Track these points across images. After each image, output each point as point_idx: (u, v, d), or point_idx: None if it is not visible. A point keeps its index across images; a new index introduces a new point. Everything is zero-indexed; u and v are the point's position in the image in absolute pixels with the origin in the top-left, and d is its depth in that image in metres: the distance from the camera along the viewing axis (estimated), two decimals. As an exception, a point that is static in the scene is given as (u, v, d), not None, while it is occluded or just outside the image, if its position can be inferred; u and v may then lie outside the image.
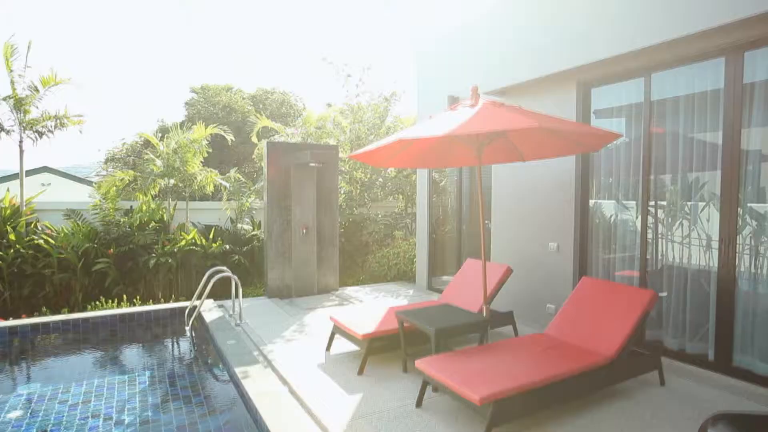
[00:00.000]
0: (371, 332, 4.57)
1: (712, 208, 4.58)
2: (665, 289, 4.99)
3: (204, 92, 23.71)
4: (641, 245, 5.13)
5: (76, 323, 6.30)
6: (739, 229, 4.33)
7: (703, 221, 4.69)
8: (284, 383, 4.35)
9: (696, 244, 4.79)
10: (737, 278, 4.35)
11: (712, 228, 4.58)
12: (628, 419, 3.58)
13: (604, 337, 4.06)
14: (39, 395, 4.36)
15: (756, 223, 4.32)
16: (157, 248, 9.05)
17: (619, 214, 5.51)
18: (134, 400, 4.29)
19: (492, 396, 3.17)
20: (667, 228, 5.04)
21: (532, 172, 6.25)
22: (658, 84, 5.00)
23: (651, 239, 5.11)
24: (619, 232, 5.50)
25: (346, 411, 3.76)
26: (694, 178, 4.79)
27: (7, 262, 7.97)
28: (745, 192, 4.30)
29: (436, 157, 5.62)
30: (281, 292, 7.96)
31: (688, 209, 4.86)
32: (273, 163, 7.83)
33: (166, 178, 9.90)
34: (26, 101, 8.51)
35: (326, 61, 11.20)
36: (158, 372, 5.09)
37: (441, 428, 3.48)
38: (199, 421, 3.91)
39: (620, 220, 5.51)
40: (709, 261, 4.66)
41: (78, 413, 3.99)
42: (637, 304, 4.09)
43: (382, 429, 3.47)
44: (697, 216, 4.76)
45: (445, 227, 8.59)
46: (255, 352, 5.15)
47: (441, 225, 8.67)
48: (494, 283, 5.35)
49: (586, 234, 5.74)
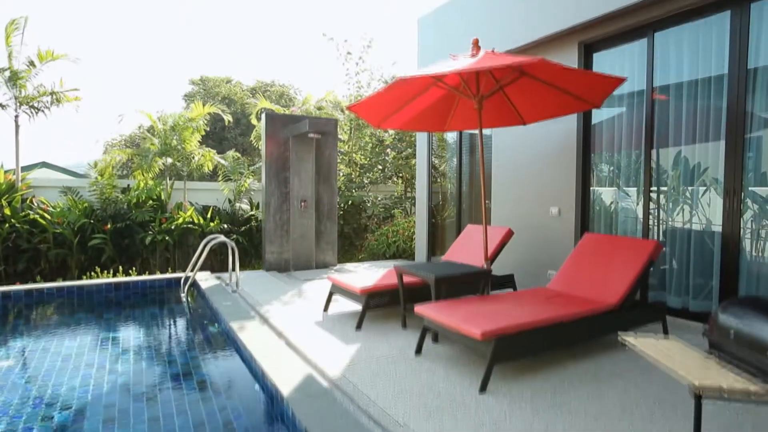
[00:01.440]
0: (370, 287, 4.49)
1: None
2: (668, 248, 4.91)
3: (203, 84, 23.63)
4: (644, 202, 5.05)
5: (71, 290, 6.21)
6: (745, 184, 4.25)
7: (709, 175, 4.61)
8: (280, 337, 4.27)
9: (699, 201, 4.72)
10: (742, 231, 4.27)
11: (717, 178, 4.50)
12: (630, 364, 3.50)
13: (608, 287, 3.98)
14: (32, 348, 4.28)
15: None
16: (154, 226, 8.97)
17: (621, 170, 5.44)
18: (128, 353, 4.21)
19: (494, 332, 3.10)
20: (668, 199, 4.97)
21: (532, 137, 6.17)
22: (661, 42, 4.91)
23: (654, 198, 5.03)
24: (620, 191, 5.43)
25: (343, 358, 3.68)
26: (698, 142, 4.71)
27: (2, 237, 7.88)
28: (750, 143, 4.23)
29: (436, 117, 5.54)
30: (279, 267, 7.87)
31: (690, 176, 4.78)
32: (271, 136, 7.75)
33: (163, 156, 9.82)
34: (23, 75, 8.43)
35: (326, 37, 11.14)
36: (153, 330, 5.01)
37: (440, 371, 3.40)
38: (193, 371, 3.83)
39: (623, 174, 5.43)
40: (713, 217, 4.58)
41: (71, 364, 3.90)
42: (641, 254, 4.01)
43: (380, 372, 3.39)
44: (699, 173, 4.68)
45: (445, 211, 8.50)
46: (251, 313, 5.06)
47: (441, 210, 8.57)
48: (495, 244, 5.27)
49: (587, 197, 5.66)
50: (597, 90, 4.55)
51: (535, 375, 3.31)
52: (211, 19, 70.62)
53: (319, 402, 2.89)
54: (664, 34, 4.89)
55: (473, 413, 2.74)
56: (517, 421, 2.65)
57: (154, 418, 3.01)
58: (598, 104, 4.82)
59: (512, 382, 3.19)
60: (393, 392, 3.03)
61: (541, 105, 5.13)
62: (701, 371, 1.46)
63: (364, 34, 17.11)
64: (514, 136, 6.41)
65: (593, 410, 2.77)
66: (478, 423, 2.62)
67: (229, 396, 3.42)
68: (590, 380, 3.22)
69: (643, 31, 5.02)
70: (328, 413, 2.74)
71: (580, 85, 4.55)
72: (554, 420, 2.66)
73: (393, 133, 11.44)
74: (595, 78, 4.36)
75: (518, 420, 2.66)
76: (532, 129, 6.05)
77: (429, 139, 8.55)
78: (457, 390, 3.07)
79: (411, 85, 4.73)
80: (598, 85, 4.44)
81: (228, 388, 3.60)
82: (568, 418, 2.67)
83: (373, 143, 11.53)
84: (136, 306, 6.06)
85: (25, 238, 8.15)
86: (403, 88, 4.73)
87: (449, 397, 2.96)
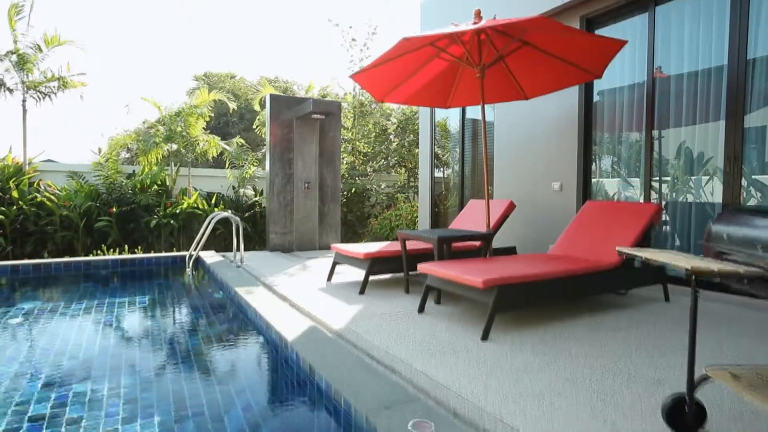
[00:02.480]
0: (373, 252, 4.53)
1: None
2: (669, 212, 4.94)
3: (208, 79, 23.76)
4: (645, 167, 5.09)
5: (77, 265, 6.28)
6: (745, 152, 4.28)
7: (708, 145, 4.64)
8: (284, 300, 4.32)
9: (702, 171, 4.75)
10: (742, 200, 4.31)
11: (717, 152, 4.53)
12: (630, 321, 3.53)
13: (609, 248, 4.01)
14: (39, 309, 4.35)
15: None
16: (159, 210, 9.05)
17: (624, 141, 5.48)
18: (134, 315, 4.27)
19: (496, 280, 3.14)
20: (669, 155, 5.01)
21: (534, 115, 6.21)
22: (662, 16, 4.95)
23: (656, 160, 5.07)
24: (622, 159, 5.47)
25: (346, 315, 3.73)
26: (700, 107, 4.75)
27: (10, 219, 7.98)
28: (750, 104, 4.26)
29: (439, 92, 5.59)
30: (283, 248, 7.94)
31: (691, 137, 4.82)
32: (276, 117, 7.82)
33: (168, 142, 9.91)
34: (30, 58, 8.53)
35: (332, 23, 11.21)
36: (158, 297, 5.07)
37: (442, 325, 3.44)
38: (199, 330, 3.89)
39: (624, 145, 5.47)
40: (714, 189, 4.61)
41: (77, 322, 3.97)
42: (642, 216, 4.05)
43: (382, 325, 3.43)
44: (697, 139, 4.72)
45: (448, 201, 8.54)
46: (256, 282, 5.12)
47: (444, 199, 8.60)
48: (497, 215, 5.31)
49: (589, 171, 5.70)
50: (597, 57, 4.59)
51: (536, 328, 3.36)
52: (213, 15, 70.82)
53: (323, 346, 2.94)
54: (665, 7, 4.93)
55: (474, 355, 2.79)
56: (517, 360, 2.69)
57: (160, 366, 3.07)
58: (600, 74, 4.86)
59: (514, 333, 3.23)
60: (395, 340, 3.08)
61: (543, 77, 5.18)
62: (696, 260, 1.51)
63: (369, 20, 17.17)
64: (516, 114, 6.45)
65: (593, 353, 2.81)
66: (479, 362, 2.66)
67: (234, 347, 3.48)
68: (590, 332, 3.26)
69: (645, 4, 5.06)
70: (332, 354, 2.80)
71: (580, 52, 4.59)
72: (554, 359, 2.70)
73: (396, 122, 11.49)
74: (596, 42, 4.39)
75: (519, 360, 2.70)
76: (534, 107, 6.09)
77: (432, 115, 8.58)
78: (459, 338, 3.11)
79: (413, 54, 4.78)
80: (598, 50, 4.48)
81: (233, 340, 3.66)
82: (568, 359, 2.71)
83: (377, 132, 11.59)
84: (143, 278, 6.13)
85: (32, 221, 8.25)
86: (406, 58, 4.79)
87: (451, 344, 3.01)
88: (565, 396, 2.21)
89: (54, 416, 2.33)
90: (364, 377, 2.43)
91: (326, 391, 2.40)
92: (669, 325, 3.38)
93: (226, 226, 9.37)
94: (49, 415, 2.34)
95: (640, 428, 1.91)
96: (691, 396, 1.84)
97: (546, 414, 2.03)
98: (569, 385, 2.33)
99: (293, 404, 2.67)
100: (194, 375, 2.94)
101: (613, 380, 2.40)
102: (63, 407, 2.42)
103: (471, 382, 2.36)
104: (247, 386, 2.79)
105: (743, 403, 2.10)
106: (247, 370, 3.10)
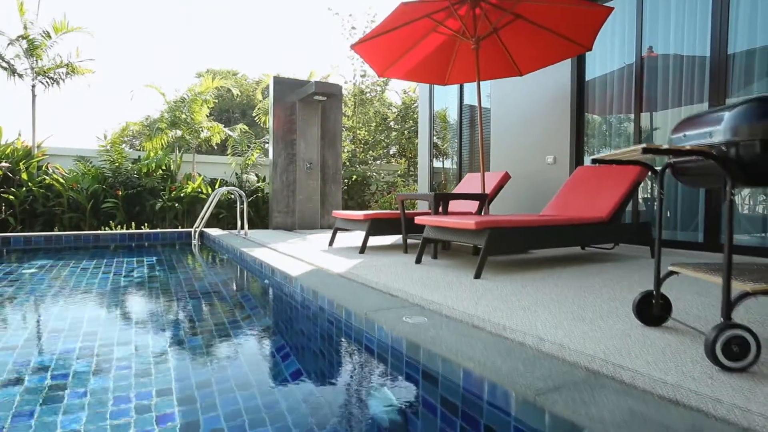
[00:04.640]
0: (373, 213, 4.74)
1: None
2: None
3: (210, 75, 23.99)
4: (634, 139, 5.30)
5: (87, 238, 6.49)
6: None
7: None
8: (288, 256, 4.52)
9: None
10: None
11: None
12: (616, 271, 3.72)
13: (598, 205, 4.22)
14: (52, 264, 4.55)
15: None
16: (164, 194, 9.26)
17: (613, 120, 5.68)
18: (142, 268, 4.47)
19: (488, 223, 3.34)
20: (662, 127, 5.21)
21: (529, 91, 6.43)
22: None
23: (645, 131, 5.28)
24: (613, 132, 5.68)
25: (347, 265, 3.92)
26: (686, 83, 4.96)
27: (20, 200, 8.18)
28: (733, 77, 4.47)
29: (437, 67, 5.81)
30: (285, 226, 8.14)
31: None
32: (279, 99, 8.04)
33: (173, 128, 10.13)
34: (39, 45, 8.76)
35: (332, 12, 11.45)
36: (166, 259, 5.27)
37: (439, 271, 3.63)
38: (209, 286, 4.08)
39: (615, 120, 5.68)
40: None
41: (88, 274, 4.17)
42: (628, 176, 4.25)
43: (382, 270, 3.63)
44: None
45: (447, 190, 8.73)
46: (261, 247, 5.32)
47: (442, 189, 8.79)
48: (493, 185, 5.51)
49: (581, 143, 5.90)
50: (587, 27, 4.80)
51: (525, 271, 3.55)
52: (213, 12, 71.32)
53: (327, 278, 3.14)
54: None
55: (467, 287, 2.98)
56: (507, 289, 2.89)
57: (174, 319, 3.26)
58: (590, 45, 5.08)
59: (504, 275, 3.42)
60: (393, 279, 3.27)
61: (536, 51, 5.39)
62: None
63: (368, 8, 17.42)
64: (511, 90, 6.66)
65: (578, 284, 3.01)
66: (471, 291, 2.86)
67: (241, 291, 3.67)
68: (577, 274, 3.45)
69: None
70: (334, 284, 2.99)
71: (570, 23, 4.80)
72: (542, 287, 2.90)
73: (396, 110, 11.71)
74: (584, 11, 4.60)
75: (508, 288, 2.90)
76: (528, 84, 6.30)
77: (431, 102, 8.79)
78: (453, 279, 3.31)
79: (411, 27, 4.99)
80: (587, 20, 4.69)
81: (239, 288, 3.86)
82: (554, 288, 2.91)
83: (377, 121, 11.81)
84: (152, 248, 6.35)
85: (41, 202, 8.45)
86: (405, 31, 5.00)
87: (446, 281, 3.20)
88: (550, 309, 2.41)
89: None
90: (364, 294, 2.63)
91: (328, 309, 2.60)
92: (652, 271, 3.57)
93: (228, 210, 9.58)
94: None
95: (616, 325, 2.11)
96: (658, 290, 2.04)
97: (531, 319, 2.22)
98: (554, 303, 2.53)
99: (299, 320, 2.87)
100: (201, 307, 3.14)
101: (594, 299, 2.60)
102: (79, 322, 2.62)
103: (462, 302, 2.56)
104: (253, 314, 2.98)
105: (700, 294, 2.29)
106: (252, 302, 3.29)
